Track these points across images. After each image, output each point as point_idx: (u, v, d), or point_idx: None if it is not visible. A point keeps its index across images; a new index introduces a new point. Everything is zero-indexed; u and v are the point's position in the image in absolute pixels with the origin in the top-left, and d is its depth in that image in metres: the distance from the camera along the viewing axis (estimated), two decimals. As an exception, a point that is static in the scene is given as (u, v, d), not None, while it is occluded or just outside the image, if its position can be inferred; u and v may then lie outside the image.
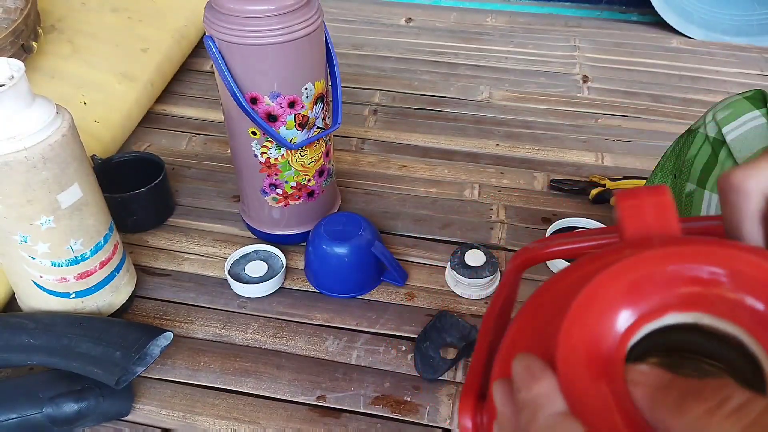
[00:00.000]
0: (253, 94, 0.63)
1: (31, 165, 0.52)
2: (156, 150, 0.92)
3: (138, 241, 0.78)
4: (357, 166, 0.91)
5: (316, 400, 0.61)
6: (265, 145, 0.68)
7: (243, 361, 0.64)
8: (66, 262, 0.59)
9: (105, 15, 1.03)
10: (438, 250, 0.77)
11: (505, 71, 1.15)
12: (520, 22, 1.33)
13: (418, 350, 0.64)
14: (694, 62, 1.20)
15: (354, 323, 0.68)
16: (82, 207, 0.58)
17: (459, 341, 0.64)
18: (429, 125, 1.00)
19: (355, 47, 1.21)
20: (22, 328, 0.59)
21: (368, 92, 1.08)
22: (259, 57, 0.61)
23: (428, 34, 1.27)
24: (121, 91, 0.92)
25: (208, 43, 0.62)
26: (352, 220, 0.70)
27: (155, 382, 0.62)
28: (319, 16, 0.63)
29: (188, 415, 0.60)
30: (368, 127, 0.99)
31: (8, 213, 0.54)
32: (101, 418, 0.57)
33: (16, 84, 0.51)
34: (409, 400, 0.61)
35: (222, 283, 0.72)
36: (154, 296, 0.71)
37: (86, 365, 0.56)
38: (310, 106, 0.66)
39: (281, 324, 0.68)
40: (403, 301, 0.71)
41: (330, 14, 1.33)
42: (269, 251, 0.74)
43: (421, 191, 0.86)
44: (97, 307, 0.64)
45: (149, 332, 0.60)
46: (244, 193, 0.76)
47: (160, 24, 1.05)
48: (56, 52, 0.93)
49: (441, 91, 1.09)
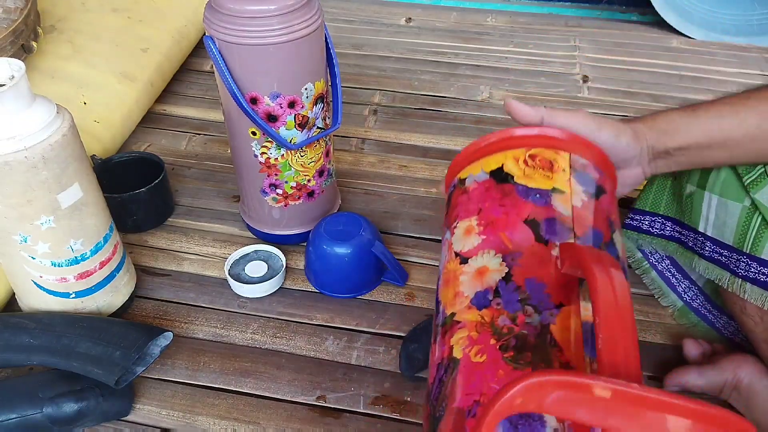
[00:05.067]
0: (253, 94, 0.63)
1: (32, 165, 0.52)
2: (156, 150, 0.92)
3: (138, 241, 0.78)
4: (357, 166, 0.91)
5: (316, 400, 0.61)
6: (265, 145, 0.67)
7: (243, 361, 0.64)
8: (66, 262, 0.59)
9: (105, 15, 1.03)
10: (438, 250, 0.77)
11: (505, 71, 1.15)
12: (520, 22, 1.33)
13: (404, 350, 0.64)
14: (694, 62, 1.20)
15: (354, 323, 0.68)
16: (82, 207, 0.58)
17: None
18: (429, 125, 1.00)
19: (355, 47, 1.21)
20: (22, 327, 0.59)
21: (368, 92, 1.08)
22: (259, 57, 0.61)
23: (428, 34, 1.27)
24: (121, 91, 0.92)
25: (208, 43, 0.62)
26: (352, 220, 0.70)
27: (155, 382, 0.62)
28: (319, 16, 0.63)
29: (188, 415, 0.60)
30: (368, 127, 0.99)
31: (8, 213, 0.54)
32: (101, 417, 0.57)
33: (16, 84, 0.51)
34: (409, 400, 0.61)
35: (222, 283, 0.72)
36: (154, 296, 0.71)
37: (86, 365, 0.56)
38: (310, 106, 0.66)
39: (281, 324, 0.68)
40: (403, 301, 0.71)
41: (330, 14, 1.33)
42: (269, 251, 0.74)
43: (421, 191, 0.86)
44: (97, 307, 0.64)
45: (149, 332, 0.60)
46: (244, 193, 0.76)
47: (160, 24, 1.05)
48: (56, 52, 0.93)
49: (441, 91, 1.09)
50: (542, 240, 0.40)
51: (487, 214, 0.43)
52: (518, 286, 0.39)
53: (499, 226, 0.42)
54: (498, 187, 0.44)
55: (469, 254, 0.42)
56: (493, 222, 0.42)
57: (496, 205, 0.43)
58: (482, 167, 0.46)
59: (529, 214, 0.42)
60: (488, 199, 0.44)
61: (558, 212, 0.42)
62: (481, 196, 0.45)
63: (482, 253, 0.41)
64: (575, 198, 0.43)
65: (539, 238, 0.40)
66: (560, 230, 0.41)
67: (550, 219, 0.41)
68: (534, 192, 0.43)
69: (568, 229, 0.41)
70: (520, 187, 0.43)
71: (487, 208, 0.44)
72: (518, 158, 0.45)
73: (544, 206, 0.42)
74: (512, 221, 0.42)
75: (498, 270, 0.40)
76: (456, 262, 0.43)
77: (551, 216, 0.41)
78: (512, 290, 0.39)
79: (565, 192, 0.43)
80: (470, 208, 0.45)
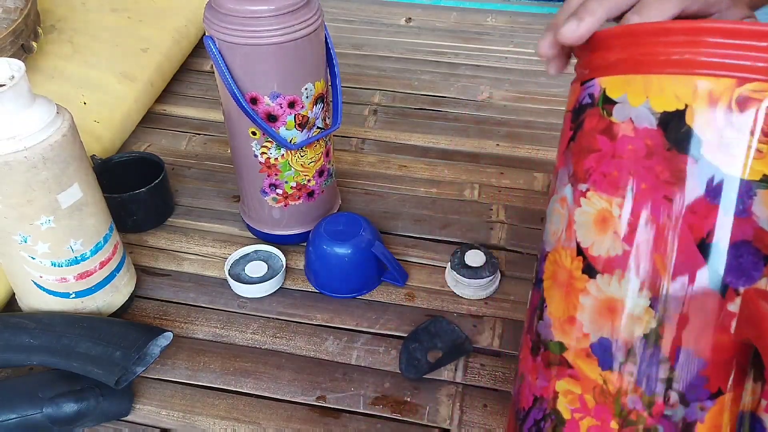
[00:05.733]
0: (253, 94, 0.63)
1: (32, 165, 0.52)
2: (156, 150, 0.92)
3: (138, 241, 0.78)
4: (357, 166, 0.91)
5: (316, 400, 0.61)
6: (265, 145, 0.68)
7: (243, 361, 0.64)
8: (66, 262, 0.59)
9: (105, 15, 1.03)
10: (438, 251, 0.77)
11: (505, 71, 1.15)
12: (520, 22, 1.33)
13: (405, 349, 0.64)
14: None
15: (354, 323, 0.68)
16: (83, 207, 0.58)
17: (450, 348, 0.64)
18: (429, 125, 1.00)
19: (355, 47, 1.21)
20: (21, 328, 0.59)
21: (368, 92, 1.08)
22: (259, 57, 0.61)
23: (428, 34, 1.27)
24: (121, 91, 0.92)
25: (208, 43, 0.62)
26: (352, 220, 0.70)
27: (155, 382, 0.62)
28: (319, 16, 0.63)
29: (188, 415, 0.60)
30: (368, 127, 0.99)
31: (8, 213, 0.54)
32: (101, 418, 0.57)
33: (16, 84, 0.51)
34: (409, 400, 0.61)
35: (222, 284, 0.72)
36: (154, 296, 0.71)
37: (86, 365, 0.56)
38: (310, 106, 0.66)
39: (281, 324, 0.68)
40: (403, 302, 0.71)
41: (330, 14, 1.33)
42: (269, 251, 0.74)
43: (421, 191, 0.86)
44: (96, 307, 0.64)
45: (149, 332, 0.60)
46: (243, 193, 0.76)
47: (160, 24, 1.05)
48: (56, 52, 0.93)
49: (441, 91, 1.09)
50: (718, 282, 0.26)
51: (640, 204, 0.27)
52: (664, 358, 0.26)
53: (655, 242, 0.26)
54: (669, 155, 0.26)
55: (601, 265, 0.28)
56: (648, 230, 0.27)
57: (659, 198, 0.26)
58: (649, 94, 0.26)
59: (710, 232, 0.25)
60: (648, 175, 0.27)
61: (756, 227, 0.25)
62: (638, 163, 0.27)
63: (621, 277, 0.27)
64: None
65: (714, 278, 0.26)
66: (751, 263, 0.25)
67: (741, 244, 0.25)
68: (729, 184, 0.25)
69: (763, 258, 0.25)
70: (708, 168, 0.25)
71: (642, 194, 0.27)
72: (719, 97, 0.24)
73: (738, 218, 0.25)
74: (680, 240, 0.26)
75: (640, 319, 0.27)
76: (578, 263, 0.29)
77: (745, 238, 0.25)
78: (656, 360, 0.27)
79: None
80: (615, 177, 0.28)
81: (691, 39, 0.25)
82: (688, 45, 0.25)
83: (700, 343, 0.26)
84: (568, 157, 0.32)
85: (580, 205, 0.30)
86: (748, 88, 0.24)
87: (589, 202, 0.29)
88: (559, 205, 0.32)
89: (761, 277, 0.25)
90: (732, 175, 0.24)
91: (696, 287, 0.25)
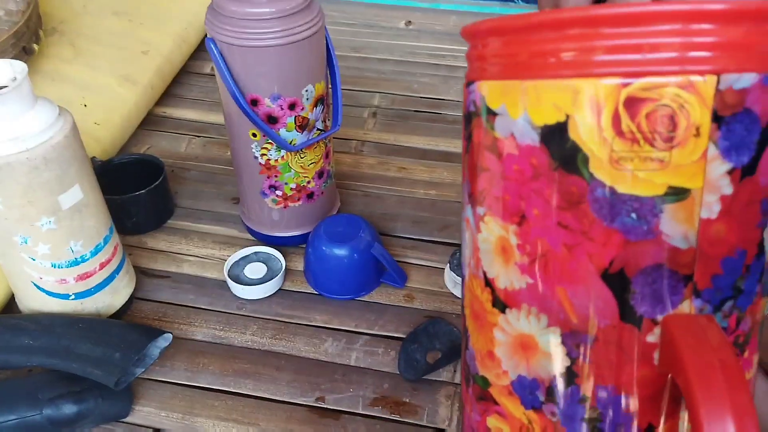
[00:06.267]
0: (254, 96, 0.63)
1: (33, 166, 0.52)
2: (156, 152, 0.93)
3: (137, 243, 0.78)
4: (356, 167, 0.91)
5: (316, 401, 0.61)
6: (265, 146, 0.68)
7: (242, 362, 0.64)
8: (66, 264, 0.59)
9: (106, 18, 1.04)
10: (437, 252, 0.77)
11: (504, 74, 1.15)
12: (519, 26, 1.34)
13: (404, 351, 0.64)
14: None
15: (353, 325, 0.68)
16: (83, 208, 0.58)
17: (448, 349, 0.64)
18: (428, 127, 1.00)
19: (355, 50, 1.22)
20: (21, 329, 0.59)
21: (368, 95, 1.08)
22: (260, 59, 0.61)
23: (428, 37, 1.28)
24: (121, 93, 0.93)
25: (209, 45, 0.62)
26: (351, 222, 0.70)
27: (154, 384, 0.62)
28: (320, 19, 0.63)
29: (187, 417, 0.60)
30: (368, 129, 0.99)
31: (9, 214, 0.54)
32: (101, 419, 0.58)
33: (19, 85, 0.51)
34: (407, 401, 0.61)
35: (221, 285, 0.72)
36: (154, 298, 0.71)
37: (86, 366, 0.56)
38: (310, 108, 0.66)
39: (280, 325, 0.68)
40: (402, 303, 0.71)
41: (330, 17, 1.33)
42: (269, 253, 0.74)
43: (421, 193, 0.87)
44: (96, 308, 0.64)
45: (148, 333, 0.60)
46: (243, 195, 0.76)
47: (161, 27, 1.06)
48: (58, 55, 0.93)
49: (440, 93, 1.09)
50: (631, 314, 0.22)
51: (535, 232, 0.23)
52: (584, 397, 0.24)
53: (556, 274, 0.23)
54: (557, 176, 0.22)
55: (508, 299, 0.25)
56: (546, 261, 0.23)
57: (553, 225, 0.23)
58: (527, 106, 0.22)
59: (613, 260, 0.22)
60: (538, 199, 0.23)
61: (669, 247, 0.21)
62: (525, 185, 0.23)
63: (528, 313, 0.24)
64: (708, 198, 0.21)
65: (626, 309, 0.22)
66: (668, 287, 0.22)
67: (652, 268, 0.22)
68: (627, 204, 0.21)
69: (682, 280, 0.22)
70: (600, 189, 0.21)
71: (535, 221, 0.23)
72: (603, 103, 0.20)
73: (644, 240, 0.21)
74: (581, 271, 0.22)
75: (552, 356, 0.24)
76: (488, 295, 0.26)
77: (656, 261, 0.21)
78: (576, 400, 0.24)
79: (691, 191, 0.21)
80: (508, 202, 0.24)
81: (557, 34, 0.21)
82: (556, 41, 0.21)
83: (621, 379, 0.23)
84: (466, 173, 0.28)
85: (481, 231, 0.26)
86: (637, 87, 0.20)
87: (487, 227, 0.25)
88: (465, 224, 0.28)
89: (682, 300, 0.22)
90: (629, 193, 0.21)
91: (608, 322, 0.22)
